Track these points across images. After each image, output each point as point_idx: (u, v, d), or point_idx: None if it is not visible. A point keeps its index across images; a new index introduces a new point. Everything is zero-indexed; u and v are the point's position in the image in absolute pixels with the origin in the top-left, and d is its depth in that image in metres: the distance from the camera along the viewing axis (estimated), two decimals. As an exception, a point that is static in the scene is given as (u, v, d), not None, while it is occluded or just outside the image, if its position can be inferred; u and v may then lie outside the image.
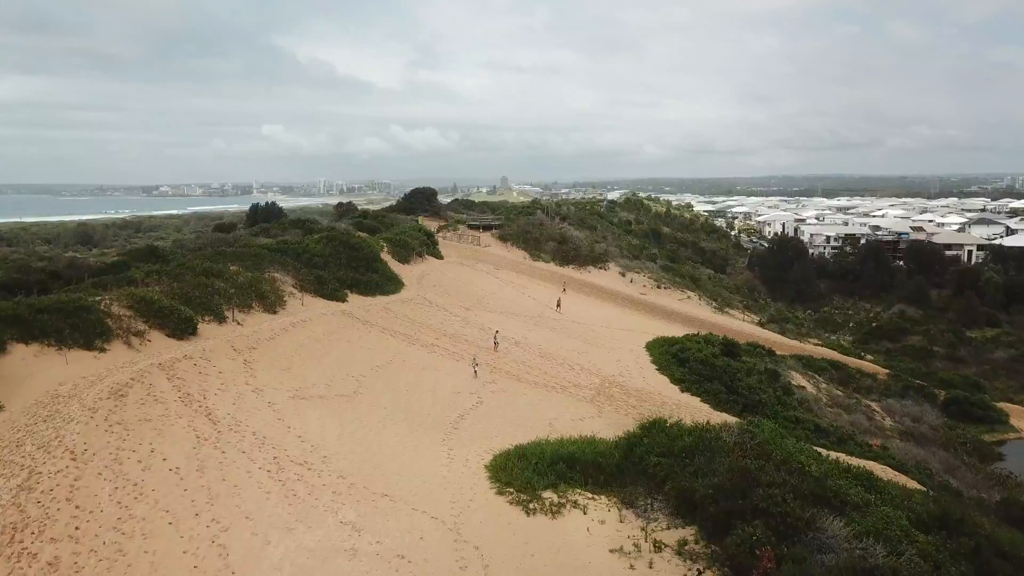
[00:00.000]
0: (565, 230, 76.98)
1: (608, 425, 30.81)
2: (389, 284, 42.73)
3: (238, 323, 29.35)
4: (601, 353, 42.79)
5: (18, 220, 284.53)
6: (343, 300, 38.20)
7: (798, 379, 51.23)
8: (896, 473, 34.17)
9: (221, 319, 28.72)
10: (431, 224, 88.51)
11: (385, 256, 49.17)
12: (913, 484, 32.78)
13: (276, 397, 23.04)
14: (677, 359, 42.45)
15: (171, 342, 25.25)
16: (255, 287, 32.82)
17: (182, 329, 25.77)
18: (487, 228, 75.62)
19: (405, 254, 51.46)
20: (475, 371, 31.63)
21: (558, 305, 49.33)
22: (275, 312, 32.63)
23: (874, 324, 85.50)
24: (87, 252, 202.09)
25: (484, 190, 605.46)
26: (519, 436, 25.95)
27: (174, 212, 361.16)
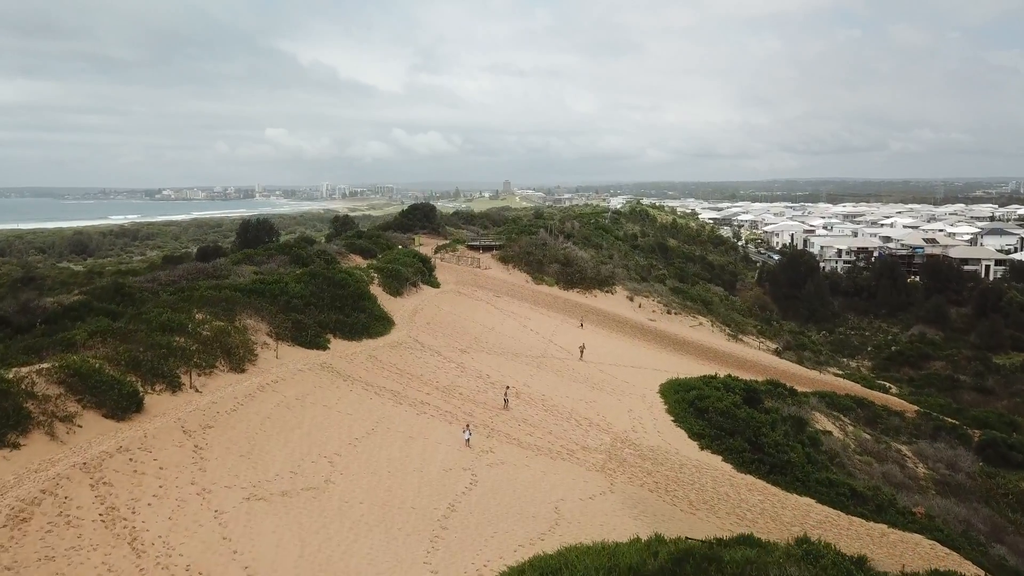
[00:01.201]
0: (569, 251, 73.08)
1: (623, 504, 26.94)
2: (377, 325, 38.83)
3: (196, 390, 25.45)
4: (611, 402, 38.87)
5: (15, 227, 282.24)
6: (324, 347, 34.30)
7: (823, 422, 47.32)
8: (948, 551, 30.28)
9: (176, 387, 24.80)
10: (430, 242, 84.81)
11: (375, 289, 45.30)
12: (969, 567, 28.91)
13: (226, 501, 19.13)
14: (695, 409, 38.53)
15: (107, 426, 21.32)
16: (222, 341, 28.93)
17: (124, 407, 21.83)
18: (487, 249, 71.73)
19: (397, 286, 47.59)
20: (467, 440, 27.72)
21: (581, 353, 44.81)
22: (243, 370, 28.72)
23: (894, 348, 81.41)
24: (81, 262, 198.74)
25: (487, 195, 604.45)
26: (520, 532, 22.10)
27: (174, 218, 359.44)
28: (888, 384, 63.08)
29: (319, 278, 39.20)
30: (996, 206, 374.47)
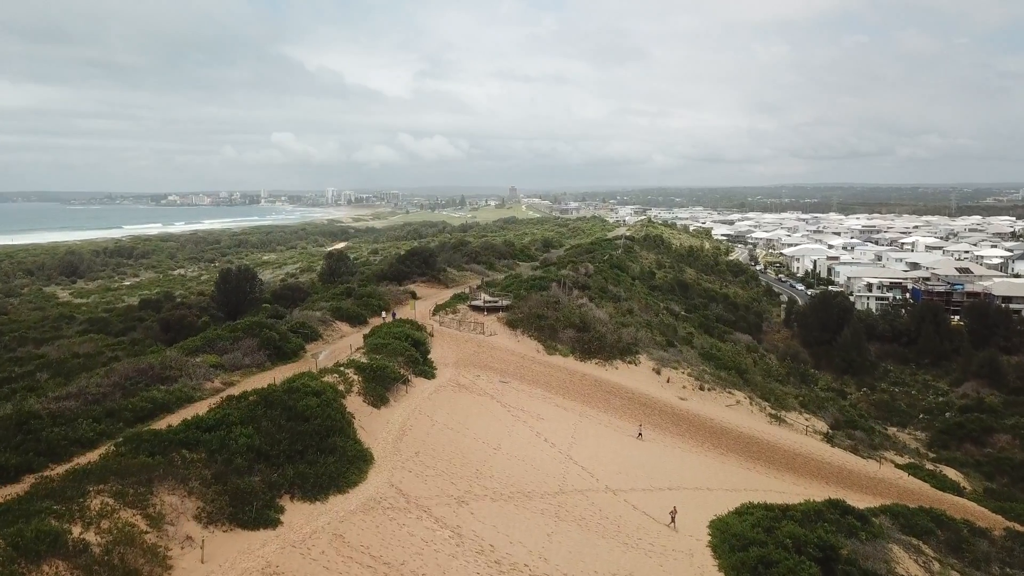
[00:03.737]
0: (585, 311, 64.46)
1: None
2: (350, 470, 30.14)
3: None
4: (652, 569, 30.15)
5: (9, 242, 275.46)
6: (274, 525, 25.68)
7: (905, 561, 38.44)
8: None
9: None
10: (429, 292, 76.58)
11: (353, 401, 36.68)
12: None
13: None
14: (759, 581, 29.86)
15: None
16: (113, 562, 20.34)
17: None
18: (492, 310, 63.25)
19: (382, 390, 38.98)
20: None
21: (672, 519, 34.49)
22: (145, 606, 20.16)
23: (948, 416, 72.55)
24: (69, 285, 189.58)
25: (493, 203, 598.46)
26: None
27: (172, 230, 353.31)
28: (960, 482, 54.27)
29: (276, 409, 30.56)
30: (1013, 218, 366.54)
